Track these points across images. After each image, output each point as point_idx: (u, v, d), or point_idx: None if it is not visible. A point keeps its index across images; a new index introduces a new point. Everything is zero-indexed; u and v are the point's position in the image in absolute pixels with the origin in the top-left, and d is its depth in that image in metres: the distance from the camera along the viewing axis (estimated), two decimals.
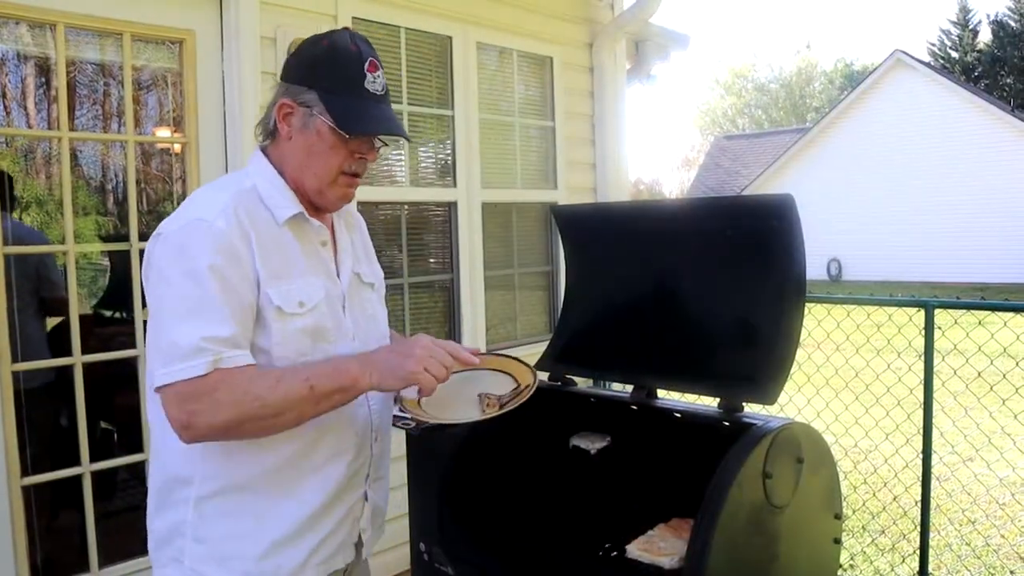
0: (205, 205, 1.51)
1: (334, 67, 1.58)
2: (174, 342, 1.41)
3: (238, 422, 1.42)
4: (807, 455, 1.93)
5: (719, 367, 2.17)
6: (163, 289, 1.46)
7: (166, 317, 1.44)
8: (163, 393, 1.42)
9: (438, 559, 2.28)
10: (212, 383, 1.40)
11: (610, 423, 2.44)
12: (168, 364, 1.41)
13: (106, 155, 3.76)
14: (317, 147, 1.58)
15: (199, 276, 1.43)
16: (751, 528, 1.76)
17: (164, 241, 1.48)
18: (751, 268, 2.14)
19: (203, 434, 1.43)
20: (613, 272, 2.57)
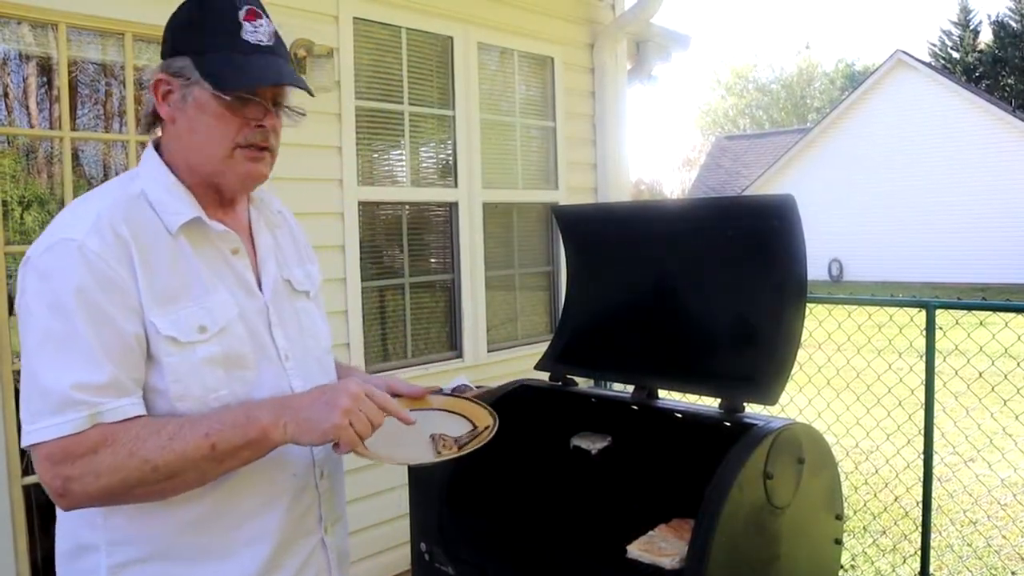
0: (75, 221, 1.24)
1: (203, 23, 1.31)
2: (43, 390, 1.16)
3: (124, 488, 1.18)
4: (808, 456, 1.93)
5: (720, 367, 2.18)
6: (28, 324, 1.20)
7: (32, 359, 1.18)
8: (33, 452, 1.17)
9: (438, 559, 2.28)
10: (89, 443, 1.16)
11: (611, 423, 2.44)
12: (36, 419, 1.16)
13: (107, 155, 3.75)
14: (201, 121, 1.31)
15: (65, 309, 1.18)
16: (752, 529, 1.76)
17: (29, 267, 1.22)
18: (752, 268, 2.14)
19: (80, 502, 1.19)
20: (614, 272, 2.57)
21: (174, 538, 1.27)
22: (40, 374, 1.17)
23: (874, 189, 22.64)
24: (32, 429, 1.16)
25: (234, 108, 1.31)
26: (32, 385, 1.18)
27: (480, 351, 4.22)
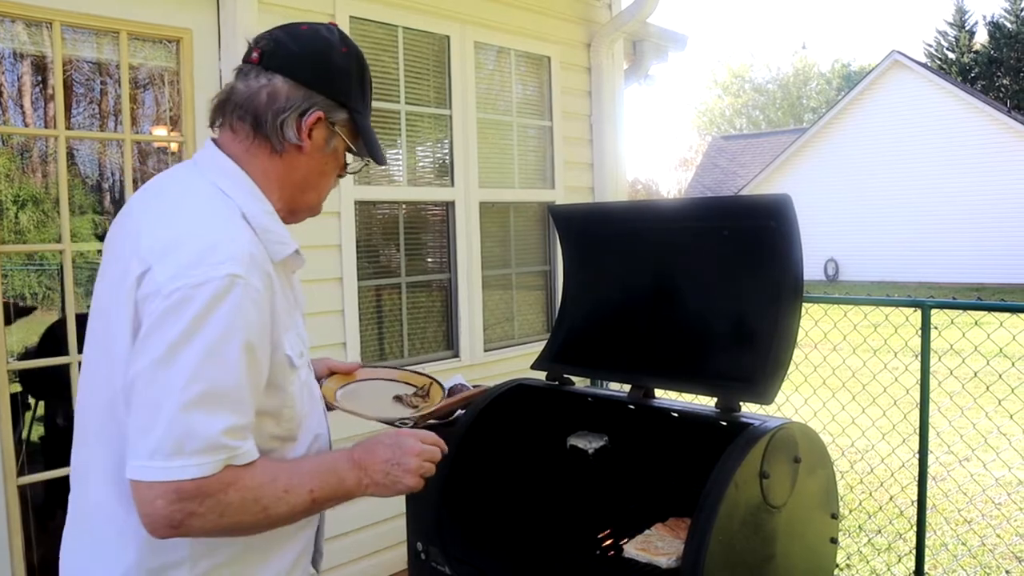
0: (226, 249, 1.20)
1: (363, 86, 1.42)
2: (190, 431, 1.14)
3: (237, 528, 1.23)
4: (804, 455, 1.93)
5: (716, 367, 2.18)
6: (180, 361, 1.14)
7: (178, 394, 1.14)
8: (154, 487, 1.14)
9: (435, 559, 2.28)
10: (222, 484, 1.17)
11: (607, 423, 2.45)
12: (172, 457, 1.13)
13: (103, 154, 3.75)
14: (329, 167, 1.41)
15: (228, 359, 1.17)
16: (748, 528, 1.76)
17: (182, 298, 1.15)
18: (748, 268, 2.15)
19: (191, 535, 1.20)
20: (611, 272, 2.57)
21: (249, 541, 1.33)
22: (191, 415, 1.14)
23: (870, 189, 22.68)
24: (166, 465, 1.13)
25: (343, 163, 1.44)
26: (173, 421, 1.14)
27: (477, 350, 4.22)
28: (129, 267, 1.21)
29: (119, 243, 1.31)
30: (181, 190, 1.33)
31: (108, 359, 1.25)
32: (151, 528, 1.17)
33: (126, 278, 1.21)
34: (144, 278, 1.18)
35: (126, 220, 1.34)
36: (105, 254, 1.37)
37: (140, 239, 1.23)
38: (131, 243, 1.24)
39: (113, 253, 1.32)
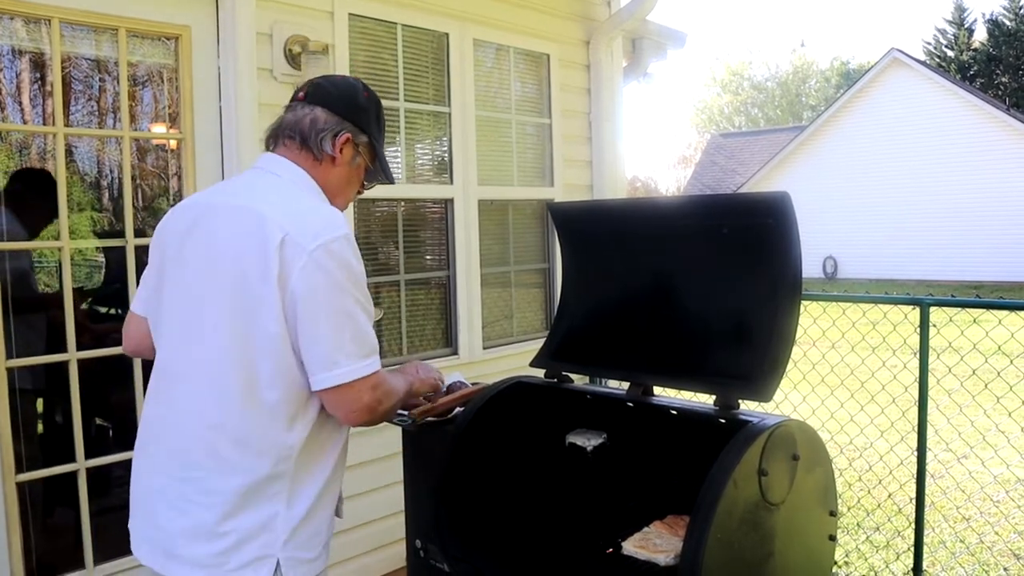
0: (339, 220, 1.67)
1: (378, 121, 1.90)
2: (364, 338, 1.62)
3: (392, 410, 1.74)
4: (802, 452, 1.93)
5: (715, 364, 2.18)
6: (341, 296, 1.60)
7: (358, 319, 1.62)
8: (359, 383, 1.60)
9: (434, 556, 2.28)
10: (383, 377, 1.67)
11: (606, 420, 2.44)
12: (366, 357, 1.62)
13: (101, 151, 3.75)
14: (353, 180, 1.87)
15: (364, 286, 1.67)
16: (746, 525, 1.77)
17: (327, 252, 1.59)
18: (747, 265, 2.15)
19: (378, 418, 1.68)
20: (609, 269, 2.57)
21: (326, 462, 1.73)
22: (366, 329, 1.64)
23: (869, 187, 22.67)
24: (368, 363, 1.62)
25: (361, 182, 1.93)
26: (361, 336, 1.62)
27: (475, 348, 4.21)
28: (269, 237, 1.58)
29: (238, 227, 1.65)
30: (270, 184, 1.75)
31: (242, 308, 1.60)
32: (357, 419, 1.64)
33: (268, 244, 1.57)
34: (286, 240, 1.57)
35: (234, 212, 1.69)
36: (197, 243, 1.71)
37: (270, 217, 1.61)
38: (260, 222, 1.60)
39: (229, 236, 1.65)
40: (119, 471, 3.25)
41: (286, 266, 1.56)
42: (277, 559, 1.62)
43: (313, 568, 1.70)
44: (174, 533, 1.65)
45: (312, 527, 1.69)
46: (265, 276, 1.56)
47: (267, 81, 3.30)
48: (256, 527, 1.61)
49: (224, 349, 1.61)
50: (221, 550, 1.60)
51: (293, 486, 1.64)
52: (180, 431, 1.66)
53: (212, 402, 1.62)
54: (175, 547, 1.64)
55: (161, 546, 1.67)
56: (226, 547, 1.60)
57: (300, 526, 1.66)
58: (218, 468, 1.61)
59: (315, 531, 1.70)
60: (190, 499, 1.63)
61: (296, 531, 1.65)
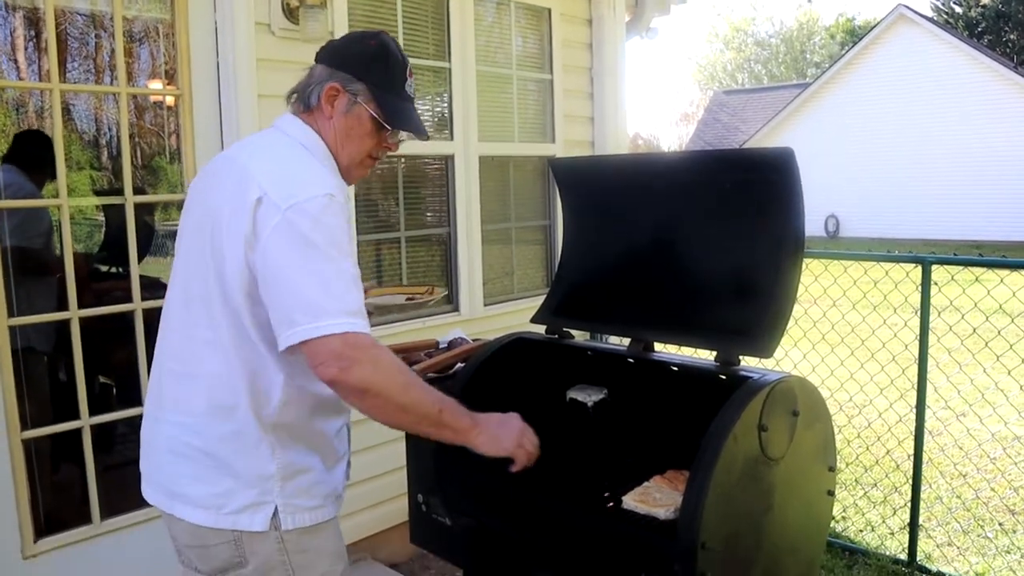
0: (324, 180, 1.63)
1: (385, 67, 1.80)
2: (342, 299, 1.53)
3: (377, 391, 1.55)
4: (803, 409, 1.94)
5: (716, 321, 2.17)
6: (312, 253, 1.54)
7: (328, 277, 1.53)
8: (327, 340, 1.51)
9: (436, 510, 2.30)
10: (373, 342, 1.55)
11: (607, 376, 2.45)
12: (337, 316, 1.51)
13: (98, 108, 3.72)
14: (356, 131, 1.78)
15: (345, 248, 1.58)
16: (746, 480, 1.78)
17: (298, 210, 1.54)
18: (750, 222, 2.13)
19: (351, 383, 1.54)
20: (611, 225, 2.56)
21: (319, 417, 1.75)
22: (340, 290, 1.54)
23: (873, 145, 22.51)
24: (335, 322, 1.51)
25: (380, 133, 1.80)
26: (331, 295, 1.53)
27: (476, 305, 4.22)
28: (246, 194, 1.57)
29: (225, 181, 1.67)
30: (275, 142, 1.76)
31: (218, 261, 1.61)
32: (324, 373, 1.52)
33: (244, 202, 1.57)
34: (262, 200, 1.56)
35: (228, 165, 1.73)
36: (199, 194, 1.77)
37: (254, 176, 1.61)
38: (243, 179, 1.61)
39: (217, 190, 1.68)
40: (123, 428, 3.28)
41: (258, 225, 1.56)
42: (275, 504, 1.67)
43: (315, 516, 1.74)
44: (175, 475, 1.71)
45: (310, 477, 1.73)
46: (234, 233, 1.58)
47: (265, 36, 3.26)
48: (251, 473, 1.66)
49: (198, 300, 1.67)
50: (219, 492, 1.66)
51: (280, 437, 1.69)
52: (170, 375, 1.76)
53: (184, 352, 1.71)
54: (177, 487, 1.71)
55: (164, 486, 1.74)
56: (223, 490, 1.66)
57: (295, 475, 1.70)
58: (210, 414, 1.67)
59: (314, 480, 1.74)
60: (189, 443, 1.69)
61: (291, 479, 1.69)
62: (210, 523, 1.66)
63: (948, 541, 4.13)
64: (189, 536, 1.72)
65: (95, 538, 2.95)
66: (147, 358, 3.06)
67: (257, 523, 1.66)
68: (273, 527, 1.67)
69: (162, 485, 1.74)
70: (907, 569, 3.82)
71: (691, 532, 1.64)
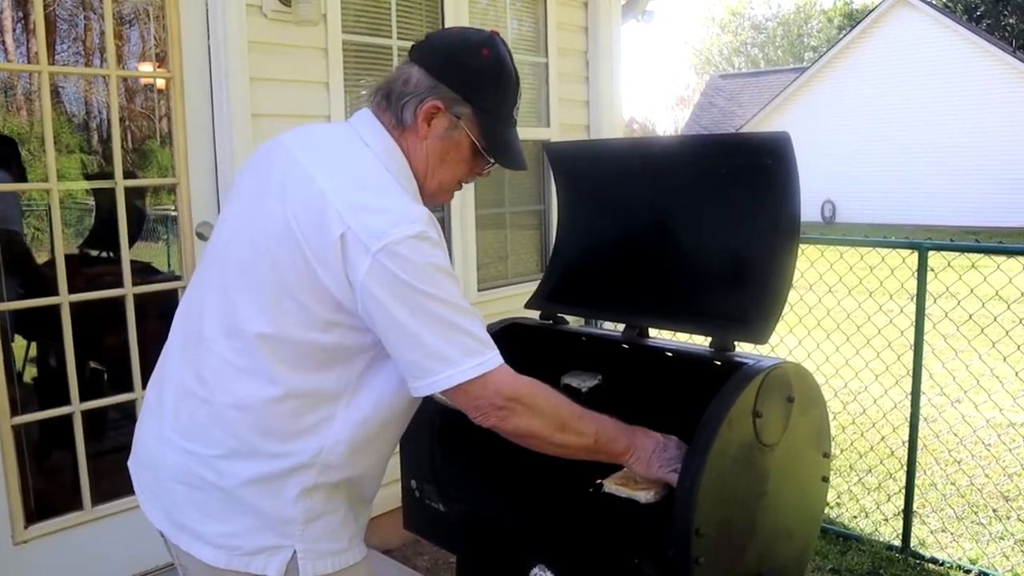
0: (411, 213, 1.46)
1: (496, 88, 1.60)
2: (464, 343, 1.46)
3: (535, 435, 1.56)
4: (798, 395, 1.94)
5: (711, 306, 2.17)
6: (419, 302, 1.42)
7: (444, 324, 1.44)
8: (471, 389, 1.47)
9: (429, 496, 2.30)
10: (527, 386, 1.55)
11: (601, 362, 2.45)
12: (468, 359, 1.46)
13: (88, 91, 3.69)
14: (452, 157, 1.61)
15: (447, 286, 1.46)
16: (740, 466, 1.78)
17: (392, 255, 1.40)
18: (745, 207, 2.12)
19: (510, 431, 1.55)
20: (606, 210, 2.55)
21: (370, 468, 1.66)
22: (466, 324, 1.47)
23: (870, 130, 22.51)
24: (478, 362, 1.48)
25: (476, 159, 1.63)
26: (458, 333, 1.46)
27: (470, 290, 4.23)
28: (327, 226, 1.41)
29: (293, 193, 1.49)
30: (354, 157, 1.55)
31: (281, 287, 1.46)
32: (486, 425, 1.53)
33: (324, 235, 1.41)
34: (346, 237, 1.40)
35: (296, 171, 1.52)
36: (252, 177, 1.61)
37: (331, 202, 1.43)
38: (319, 202, 1.43)
39: (278, 198, 1.50)
40: (114, 414, 3.28)
41: (348, 267, 1.41)
42: (294, 549, 1.52)
43: (339, 561, 1.59)
44: (183, 505, 1.54)
45: (335, 518, 1.58)
46: (314, 262, 1.43)
47: (256, 18, 3.24)
48: (272, 514, 1.51)
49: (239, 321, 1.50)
50: (234, 531, 1.51)
51: (312, 480, 1.52)
52: (183, 393, 1.59)
53: (207, 373, 1.54)
54: (186, 519, 1.54)
55: (170, 515, 1.57)
56: (238, 529, 1.51)
57: (319, 517, 1.54)
58: (232, 454, 1.52)
59: (340, 522, 1.59)
60: (201, 476, 1.52)
61: (314, 521, 1.54)
62: (221, 564, 1.50)
63: (942, 527, 4.16)
64: (197, 569, 1.55)
65: (86, 524, 2.96)
66: (138, 344, 3.06)
67: (273, 568, 1.50)
68: (290, 572, 1.51)
69: (168, 512, 1.57)
70: (901, 555, 3.85)
71: (686, 518, 1.64)
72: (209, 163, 3.19)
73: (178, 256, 3.25)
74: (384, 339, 1.46)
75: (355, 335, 1.49)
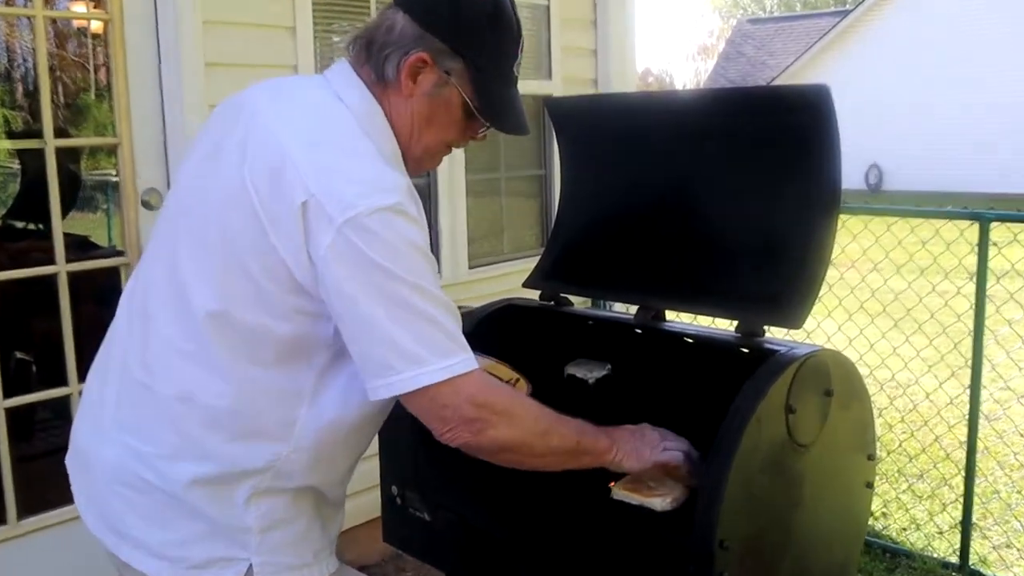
0: (386, 181, 1.45)
1: (494, 39, 1.59)
2: (434, 340, 1.44)
3: (515, 447, 1.56)
4: (837, 387, 1.95)
5: (738, 286, 2.19)
6: (387, 287, 1.41)
7: (414, 315, 1.42)
8: (441, 393, 1.45)
9: (413, 504, 2.31)
10: (504, 393, 1.60)
11: (610, 349, 2.46)
12: (446, 355, 1.44)
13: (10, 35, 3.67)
14: (441, 119, 1.60)
15: (422, 270, 1.46)
16: (771, 469, 1.80)
17: (359, 229, 1.38)
18: (778, 171, 2.13)
19: (486, 447, 1.54)
20: (617, 176, 2.56)
21: (338, 476, 1.69)
22: (440, 318, 1.45)
23: (924, 84, 22.41)
24: (449, 364, 1.44)
25: (470, 122, 1.62)
26: (434, 328, 1.44)
27: (460, 267, 4.23)
28: (287, 192, 1.41)
29: (257, 156, 1.48)
30: (325, 114, 1.53)
31: (236, 259, 1.46)
32: (456, 443, 1.51)
33: (285, 202, 1.41)
34: (309, 205, 1.39)
35: (253, 122, 1.53)
36: (211, 136, 1.61)
37: (295, 163, 1.43)
38: (280, 164, 1.43)
39: (235, 162, 1.49)
40: (45, 412, 3.28)
41: (310, 240, 1.40)
42: (250, 562, 1.53)
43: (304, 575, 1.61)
44: (123, 511, 1.56)
45: (297, 528, 1.59)
46: (270, 233, 1.43)
47: None
48: (223, 520, 1.52)
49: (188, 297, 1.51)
50: (179, 539, 1.53)
51: (270, 483, 1.54)
52: (127, 381, 1.61)
53: (151, 357, 1.56)
54: (125, 526, 1.55)
55: (109, 521, 1.59)
56: (183, 537, 1.53)
57: (278, 525, 1.56)
58: (177, 453, 1.53)
59: (302, 532, 1.60)
60: (142, 476, 1.53)
61: (272, 530, 1.55)
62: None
63: (1006, 542, 4.18)
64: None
65: (11, 540, 2.96)
66: (74, 331, 3.05)
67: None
68: None
69: (106, 518, 1.58)
70: (958, 574, 3.87)
71: (708, 528, 1.65)
72: (156, 120, 3.17)
73: (120, 228, 3.23)
74: (342, 328, 1.45)
75: (317, 325, 1.49)
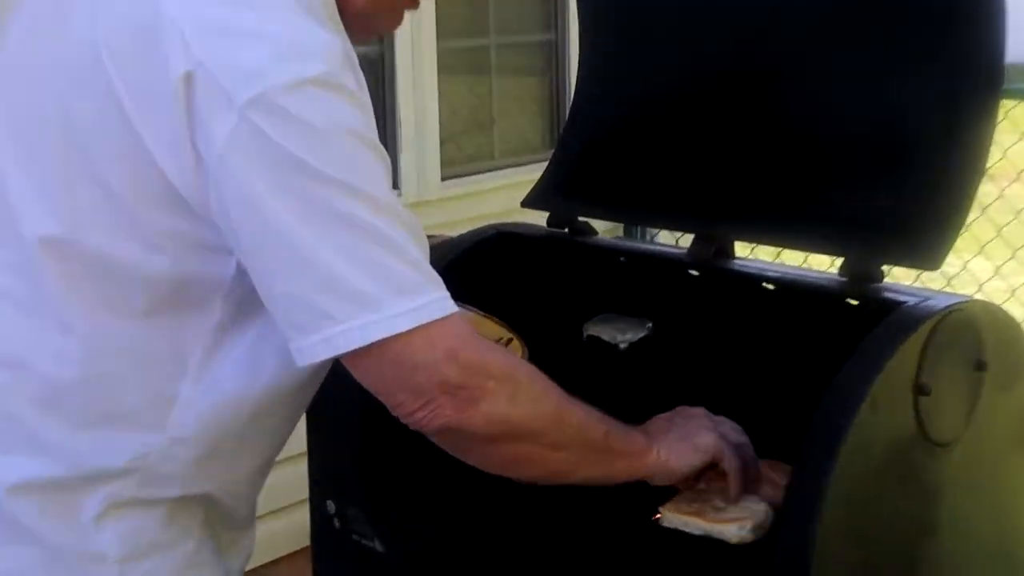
0: (309, 40, 1.41)
1: None
2: (410, 259, 1.41)
3: (520, 434, 1.53)
4: (993, 359, 1.93)
5: (842, 207, 2.18)
6: (317, 191, 1.36)
7: (360, 235, 1.37)
8: (406, 349, 1.39)
9: (356, 526, 2.31)
10: (503, 358, 1.60)
11: (651, 299, 2.46)
12: (415, 294, 1.40)
13: None
14: None
15: (370, 171, 1.42)
16: (892, 477, 1.78)
17: (272, 111, 1.34)
18: (904, 43, 2.12)
19: (477, 432, 1.48)
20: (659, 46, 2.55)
21: (240, 481, 1.70)
22: (400, 243, 1.41)
23: None
24: (418, 304, 1.39)
25: None
26: (394, 256, 1.40)
27: (428, 178, 4.25)
28: (160, 59, 1.34)
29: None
30: None
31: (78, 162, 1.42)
32: (435, 426, 1.48)
33: (155, 71, 1.34)
34: (195, 78, 1.32)
35: None
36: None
37: (169, 15, 1.36)
38: (144, 11, 1.38)
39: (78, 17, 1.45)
40: None
41: (199, 124, 1.34)
42: None
43: None
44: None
45: (180, 555, 1.59)
46: (150, 119, 1.37)
47: None
48: (64, 544, 1.52)
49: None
50: (4, 569, 1.53)
51: (132, 490, 1.54)
52: None
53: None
54: None
55: None
56: (9, 568, 1.53)
57: (150, 552, 1.56)
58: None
59: (188, 560, 1.61)
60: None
61: (143, 558, 1.54)
62: None
63: None
64: None
65: None
66: None
67: None
68: None
69: None
70: None
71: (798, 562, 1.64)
72: None
73: None
74: (248, 261, 1.40)
75: (208, 260, 1.46)
